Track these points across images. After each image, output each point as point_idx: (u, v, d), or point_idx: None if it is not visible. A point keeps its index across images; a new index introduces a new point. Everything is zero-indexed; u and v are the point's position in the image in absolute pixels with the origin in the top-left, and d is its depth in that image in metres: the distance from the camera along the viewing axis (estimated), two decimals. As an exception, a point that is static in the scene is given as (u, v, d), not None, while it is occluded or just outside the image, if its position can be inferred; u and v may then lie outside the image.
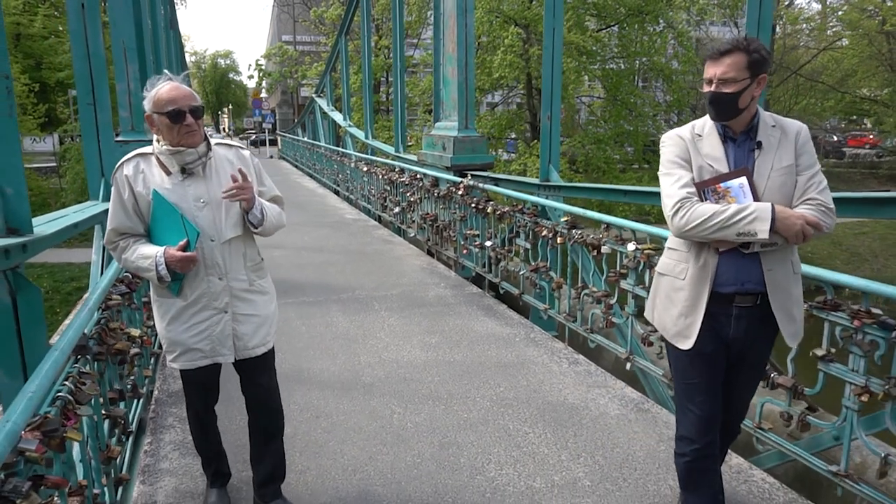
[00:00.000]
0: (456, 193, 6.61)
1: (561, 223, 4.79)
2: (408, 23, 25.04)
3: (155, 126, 2.29)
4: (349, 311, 5.53)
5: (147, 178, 2.28)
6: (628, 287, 4.01)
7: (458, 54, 7.27)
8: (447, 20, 7.65)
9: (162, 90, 2.25)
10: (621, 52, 21.57)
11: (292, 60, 34.93)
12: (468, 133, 7.20)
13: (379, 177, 10.00)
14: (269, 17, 57.17)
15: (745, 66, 2.05)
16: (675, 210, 2.11)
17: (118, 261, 2.36)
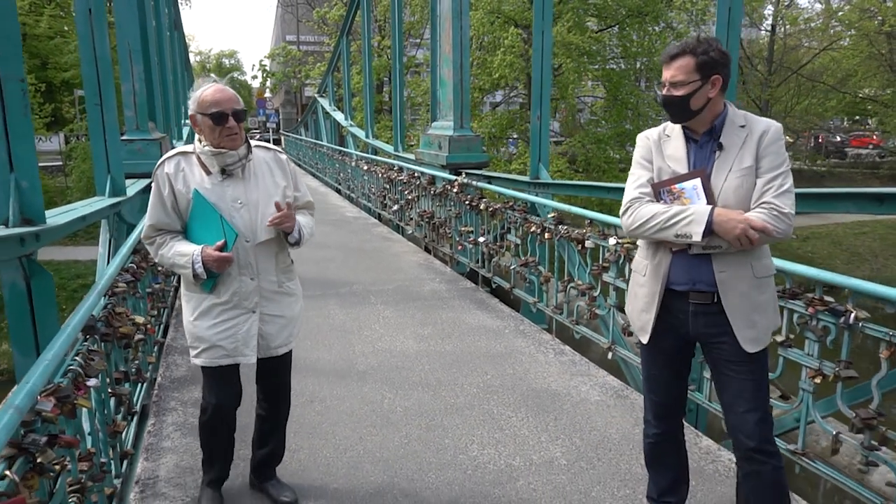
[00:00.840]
0: (451, 191, 6.80)
1: (548, 219, 4.97)
2: (410, 23, 25.23)
3: (198, 126, 2.34)
4: (346, 304, 5.72)
5: (187, 176, 2.34)
6: (610, 280, 4.19)
7: (454, 56, 7.46)
8: (443, 23, 7.84)
9: (207, 92, 2.31)
10: (622, 52, 21.73)
11: (296, 61, 35.19)
12: (463, 132, 7.39)
13: (379, 175, 10.20)
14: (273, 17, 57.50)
15: (695, 69, 2.07)
16: (624, 210, 2.21)
17: (154, 255, 2.41)
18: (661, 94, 2.15)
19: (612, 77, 21.22)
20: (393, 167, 9.52)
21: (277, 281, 2.50)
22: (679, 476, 2.50)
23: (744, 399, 2.15)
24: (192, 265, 2.30)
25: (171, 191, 2.32)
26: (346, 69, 17.15)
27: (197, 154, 2.36)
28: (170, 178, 2.32)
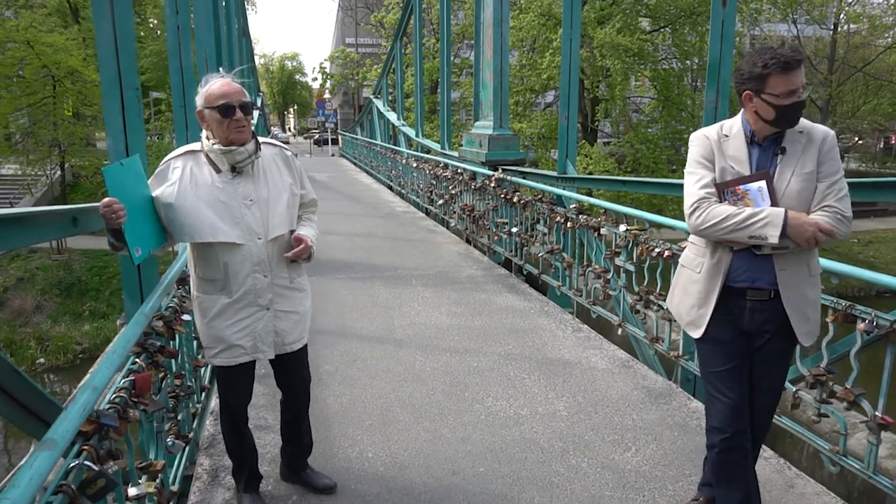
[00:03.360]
0: (489, 186, 7.36)
1: (571, 210, 5.48)
2: (463, 26, 25.82)
3: (205, 121, 2.31)
4: (390, 285, 6.35)
5: (197, 174, 2.30)
6: (621, 263, 4.67)
7: (495, 60, 7.99)
8: (485, 29, 8.38)
9: (213, 86, 2.28)
10: (677, 52, 21.76)
11: (354, 63, 36.31)
12: (502, 132, 7.92)
13: (426, 172, 10.84)
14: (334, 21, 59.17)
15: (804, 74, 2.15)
16: (692, 209, 2.20)
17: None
18: (793, 101, 2.09)
19: (663, 77, 21.27)
20: (439, 164, 10.14)
21: (289, 277, 2.48)
22: (753, 493, 2.34)
23: (774, 390, 2.33)
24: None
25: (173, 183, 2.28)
26: (399, 71, 17.90)
27: (205, 152, 2.33)
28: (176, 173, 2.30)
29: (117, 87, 2.99)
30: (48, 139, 21.03)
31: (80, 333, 15.74)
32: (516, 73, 21.76)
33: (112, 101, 3.01)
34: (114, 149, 3.05)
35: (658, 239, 4.38)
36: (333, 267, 7.11)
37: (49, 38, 20.22)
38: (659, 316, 4.24)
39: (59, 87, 20.79)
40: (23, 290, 17.32)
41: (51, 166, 22.46)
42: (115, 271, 17.87)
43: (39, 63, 19.78)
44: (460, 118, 26.98)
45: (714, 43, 5.05)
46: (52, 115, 20.63)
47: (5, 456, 11.17)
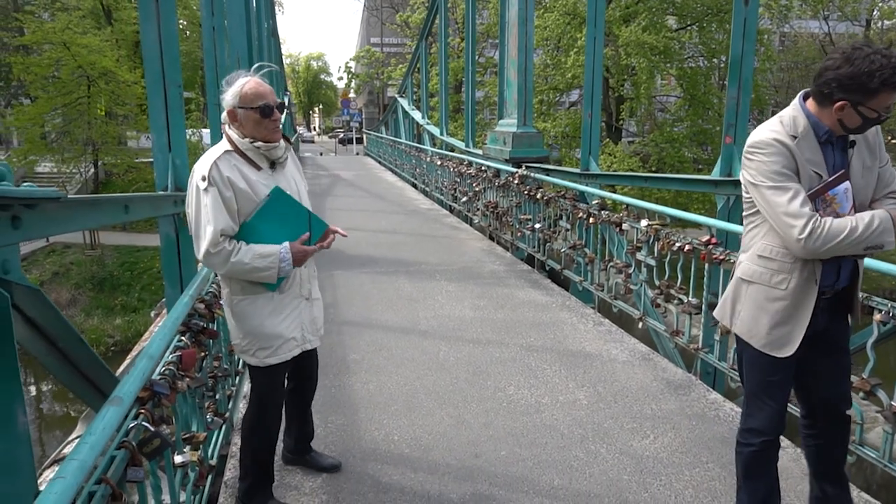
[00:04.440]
0: (513, 182, 7.46)
1: (593, 206, 5.57)
2: (488, 25, 25.91)
3: (238, 121, 2.29)
4: (414, 279, 6.50)
5: (245, 174, 2.28)
6: (642, 258, 4.74)
7: (519, 59, 8.09)
8: (510, 28, 8.48)
9: (247, 85, 2.27)
10: (704, 51, 21.60)
11: (379, 62, 36.59)
12: (526, 129, 8.02)
13: (450, 170, 10.97)
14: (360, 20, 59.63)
15: None
16: (808, 232, 2.00)
17: (219, 265, 2.26)
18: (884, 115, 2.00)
19: (689, 76, 21.12)
20: (463, 162, 10.26)
21: (314, 266, 2.62)
22: (776, 484, 2.38)
23: (845, 376, 2.30)
24: (279, 264, 2.28)
25: (233, 192, 2.24)
26: (424, 70, 18.07)
27: (241, 150, 2.31)
28: (231, 180, 2.24)
29: (161, 83, 3.18)
30: (82, 138, 21.60)
31: (112, 327, 16.20)
32: (540, 72, 21.79)
33: (156, 97, 3.19)
34: (157, 142, 3.23)
35: (680, 234, 4.46)
36: (359, 262, 7.27)
37: (84, 39, 20.76)
38: (679, 310, 4.31)
39: (93, 87, 21.33)
40: (58, 284, 17.88)
41: (84, 164, 23.06)
42: (145, 267, 18.35)
43: (75, 64, 20.31)
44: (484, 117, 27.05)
45: (736, 40, 5.10)
46: (86, 114, 21.18)
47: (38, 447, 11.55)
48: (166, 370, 2.00)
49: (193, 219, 2.25)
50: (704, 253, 3.99)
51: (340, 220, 10.54)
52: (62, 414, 13.17)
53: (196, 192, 2.24)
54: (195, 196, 2.24)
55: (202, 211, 2.22)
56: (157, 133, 3.18)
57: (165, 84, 3.10)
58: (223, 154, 2.28)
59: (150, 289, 17.46)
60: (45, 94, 21.55)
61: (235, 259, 2.23)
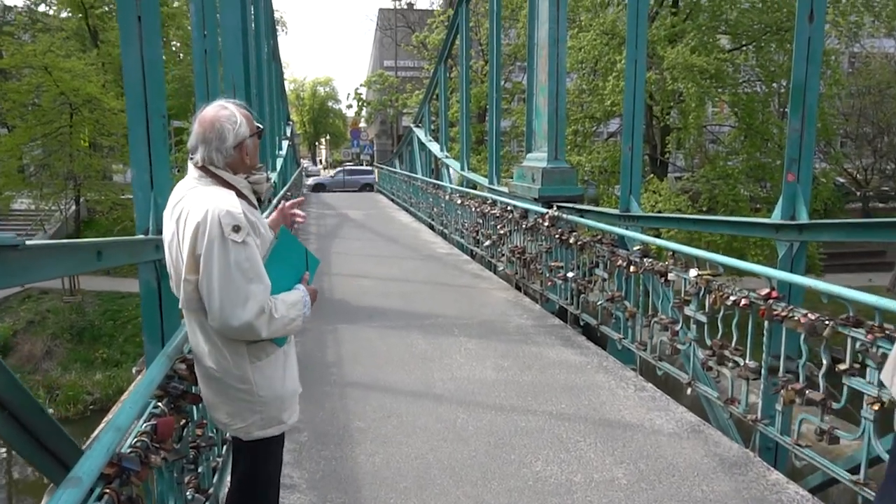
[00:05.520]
0: (542, 225, 7.48)
1: (635, 252, 5.55)
2: (516, 46, 26.40)
3: (244, 152, 2.32)
4: (429, 335, 6.48)
5: (258, 216, 2.34)
6: (691, 313, 4.69)
7: (550, 85, 8.20)
8: (539, 51, 8.63)
9: (242, 110, 2.33)
10: (761, 74, 21.74)
11: (393, 88, 37.32)
12: (557, 164, 8.07)
13: (472, 209, 11.03)
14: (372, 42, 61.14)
15: None
16: None
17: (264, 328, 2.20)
18: None
19: (745, 103, 21.19)
20: (486, 200, 10.33)
21: None
22: None
23: None
24: (305, 309, 2.35)
25: (259, 239, 2.28)
26: (443, 97, 18.36)
27: (239, 190, 2.31)
28: (256, 225, 2.28)
29: (143, 113, 3.27)
30: (63, 171, 22.14)
31: (92, 383, 16.37)
32: (574, 98, 22.02)
33: (138, 128, 3.28)
34: (138, 179, 3.30)
35: (735, 285, 4.41)
36: (367, 314, 7.28)
37: (67, 63, 21.49)
38: (735, 374, 4.24)
39: (76, 116, 21.96)
40: (33, 334, 18.15)
41: (65, 201, 23.58)
42: (130, 315, 18.55)
43: (57, 90, 20.99)
44: (511, 150, 27.26)
45: (799, 63, 5.13)
46: (68, 145, 21.77)
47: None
48: (138, 441, 2.00)
49: (221, 281, 2.13)
50: (764, 308, 3.93)
51: (346, 267, 10.60)
52: (34, 479, 13.18)
53: (223, 247, 2.12)
54: (221, 252, 2.12)
55: (241, 268, 2.14)
56: (139, 169, 3.26)
57: (148, 114, 3.19)
58: (237, 197, 2.25)
59: (135, 340, 17.62)
60: (24, 124, 22.23)
61: (278, 316, 2.23)
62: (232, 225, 2.14)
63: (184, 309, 2.33)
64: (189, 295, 2.24)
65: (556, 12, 8.15)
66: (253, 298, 2.15)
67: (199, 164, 2.29)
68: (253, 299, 2.15)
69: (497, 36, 11.91)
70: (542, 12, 8.49)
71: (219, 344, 2.28)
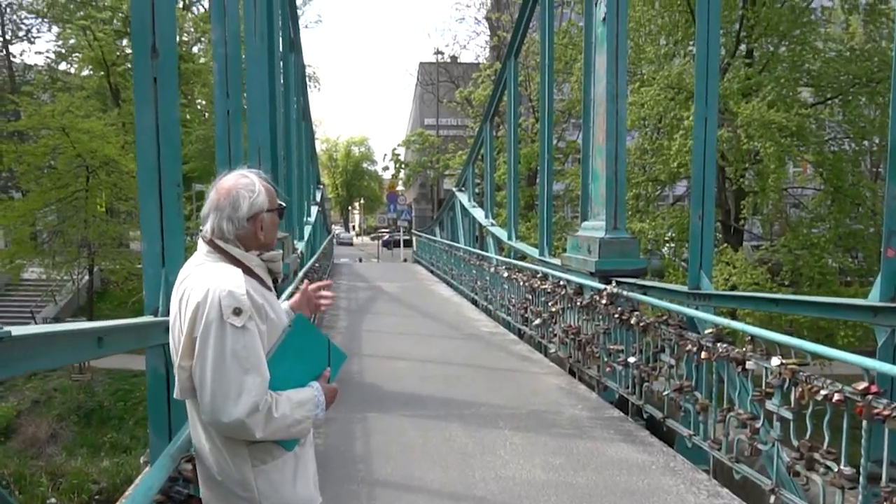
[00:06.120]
0: (599, 302, 7.38)
1: (706, 336, 5.41)
2: (569, 102, 26.80)
3: (261, 226, 2.32)
4: (470, 426, 6.37)
5: (267, 298, 2.29)
6: (773, 408, 4.52)
7: (608, 145, 8.23)
8: (597, 107, 8.71)
9: (261, 182, 2.35)
10: (849, 130, 21.58)
11: (434, 148, 38.04)
12: (617, 234, 8.02)
13: (520, 283, 10.99)
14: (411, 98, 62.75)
15: None
16: None
17: (259, 427, 2.13)
18: None
19: (831, 163, 20.96)
20: (536, 274, 10.28)
21: None
22: None
23: None
24: (317, 410, 2.29)
25: (266, 325, 2.23)
26: (489, 158, 18.59)
27: (250, 268, 2.30)
28: (264, 308, 2.24)
29: (156, 181, 3.35)
30: (77, 239, 22.89)
31: (99, 470, 16.51)
32: (636, 159, 22.09)
33: (150, 197, 3.37)
34: (149, 253, 3.37)
35: (824, 377, 4.25)
36: (401, 401, 7.22)
37: (86, 123, 22.52)
38: (826, 481, 4.03)
39: (93, 179, 22.86)
40: (37, 416, 18.51)
41: (78, 270, 24.29)
42: (141, 396, 18.80)
43: (73, 152, 21.95)
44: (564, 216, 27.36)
45: (895, 118, 5.05)
46: (83, 210, 22.58)
47: None
48: (134, 555, 1.97)
49: (214, 369, 2.09)
50: (862, 405, 3.76)
51: (379, 346, 10.63)
52: None
53: (220, 331, 2.10)
54: (217, 336, 2.09)
55: (238, 357, 2.10)
56: (150, 242, 3.33)
57: (161, 182, 3.28)
58: (244, 276, 2.23)
59: (146, 423, 17.75)
60: (38, 187, 23.17)
61: (278, 415, 2.16)
62: (233, 307, 2.10)
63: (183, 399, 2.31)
64: (183, 384, 2.21)
65: (614, 65, 8.24)
66: (247, 392, 2.08)
67: (208, 238, 2.31)
68: (247, 393, 2.08)
69: (549, 91, 12.08)
70: (598, 66, 8.60)
71: (218, 443, 2.22)
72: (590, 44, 8.98)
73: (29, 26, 34.07)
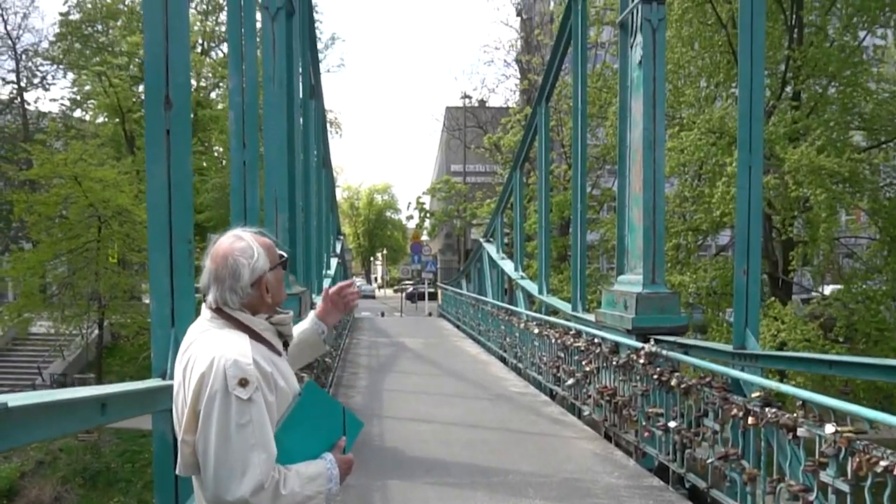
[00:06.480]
0: (637, 362, 7.30)
1: (753, 400, 5.32)
2: (604, 147, 26.86)
3: (267, 289, 2.32)
4: (497, 495, 6.27)
5: (278, 366, 2.28)
6: (828, 479, 4.40)
7: (645, 195, 8.21)
8: (633, 154, 8.71)
9: (259, 239, 2.34)
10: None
11: (460, 196, 38.22)
12: (655, 289, 7.95)
13: (552, 341, 10.91)
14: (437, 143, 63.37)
15: None
16: None
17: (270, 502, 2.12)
18: None
19: (887, 210, 20.73)
20: (569, 331, 10.20)
21: None
22: None
23: None
24: (329, 484, 2.26)
25: (275, 394, 2.21)
26: (518, 207, 18.62)
27: (258, 333, 2.30)
28: (273, 378, 2.22)
29: (166, 238, 3.39)
30: (87, 291, 23.18)
31: (104, 537, 16.47)
32: (676, 207, 22.03)
33: (159, 254, 3.40)
34: (157, 314, 3.39)
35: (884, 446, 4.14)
36: (424, 467, 7.14)
37: (99, 172, 23.02)
38: (890, 562, 3.90)
39: (105, 230, 23.23)
40: (42, 477, 18.61)
41: (88, 324, 24.56)
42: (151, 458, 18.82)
43: (86, 201, 22.37)
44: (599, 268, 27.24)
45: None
46: (94, 262, 22.91)
47: None
48: None
49: (218, 444, 2.07)
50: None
51: (401, 407, 10.60)
52: None
53: (225, 404, 2.07)
54: (222, 409, 2.07)
55: (243, 431, 2.07)
56: (159, 301, 3.35)
57: (172, 239, 3.31)
58: (251, 343, 2.21)
59: (154, 488, 17.82)
60: (49, 238, 23.60)
61: (286, 492, 2.12)
62: (238, 378, 2.08)
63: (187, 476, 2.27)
64: (186, 459, 2.17)
65: (651, 111, 8.26)
66: (252, 469, 2.06)
67: (214, 307, 2.30)
68: (252, 470, 2.06)
69: (582, 136, 12.11)
70: (635, 111, 8.62)
71: None
72: (625, 88, 9.02)
73: (44, 73, 35.21)
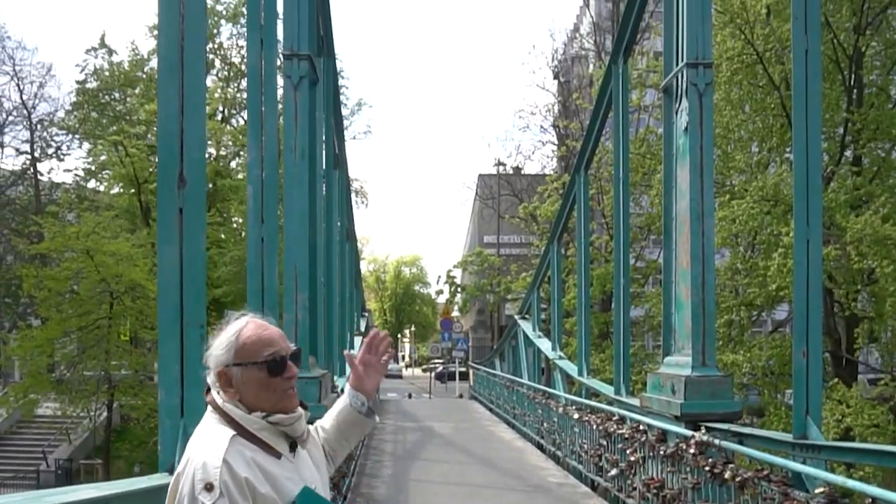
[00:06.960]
0: (687, 452, 7.14)
1: (817, 496, 5.16)
2: (649, 217, 26.81)
3: (233, 387, 2.22)
4: None
5: (265, 469, 2.18)
6: (905, 590, 4.22)
7: (693, 269, 8.14)
8: (679, 226, 8.66)
9: (246, 330, 2.24)
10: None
11: (494, 269, 38.21)
12: (705, 372, 7.81)
13: (593, 427, 10.74)
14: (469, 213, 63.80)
15: None
16: None
17: None
18: None
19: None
20: (612, 416, 10.05)
21: None
22: None
23: None
24: None
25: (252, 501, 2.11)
26: (556, 281, 18.55)
27: (252, 432, 2.22)
28: (250, 483, 2.11)
29: (178, 323, 3.39)
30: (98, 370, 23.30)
31: None
32: (727, 280, 21.81)
33: (170, 340, 3.39)
34: (165, 403, 3.37)
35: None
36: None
37: (112, 245, 23.36)
38: None
39: (116, 306, 23.46)
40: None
41: (96, 405, 24.63)
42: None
43: (97, 276, 22.66)
44: (644, 346, 26.88)
45: None
46: (105, 340, 23.07)
47: None
48: None
49: None
50: None
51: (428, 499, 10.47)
52: None
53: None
54: None
55: None
56: (167, 391, 3.33)
57: (183, 324, 3.31)
58: (231, 442, 2.13)
59: None
60: (58, 315, 23.85)
61: None
62: (205, 482, 2.02)
63: None
64: None
65: (699, 181, 8.20)
66: None
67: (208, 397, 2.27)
68: None
69: (624, 205, 12.13)
70: (680, 180, 8.59)
71: None
72: (670, 156, 9.03)
73: (59, 143, 36.19)
